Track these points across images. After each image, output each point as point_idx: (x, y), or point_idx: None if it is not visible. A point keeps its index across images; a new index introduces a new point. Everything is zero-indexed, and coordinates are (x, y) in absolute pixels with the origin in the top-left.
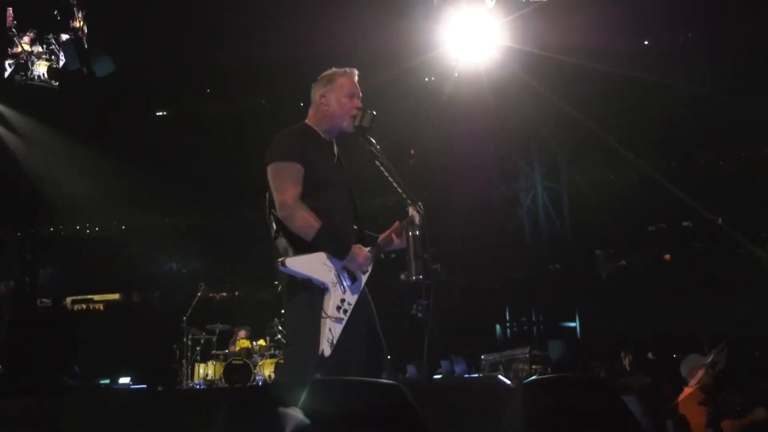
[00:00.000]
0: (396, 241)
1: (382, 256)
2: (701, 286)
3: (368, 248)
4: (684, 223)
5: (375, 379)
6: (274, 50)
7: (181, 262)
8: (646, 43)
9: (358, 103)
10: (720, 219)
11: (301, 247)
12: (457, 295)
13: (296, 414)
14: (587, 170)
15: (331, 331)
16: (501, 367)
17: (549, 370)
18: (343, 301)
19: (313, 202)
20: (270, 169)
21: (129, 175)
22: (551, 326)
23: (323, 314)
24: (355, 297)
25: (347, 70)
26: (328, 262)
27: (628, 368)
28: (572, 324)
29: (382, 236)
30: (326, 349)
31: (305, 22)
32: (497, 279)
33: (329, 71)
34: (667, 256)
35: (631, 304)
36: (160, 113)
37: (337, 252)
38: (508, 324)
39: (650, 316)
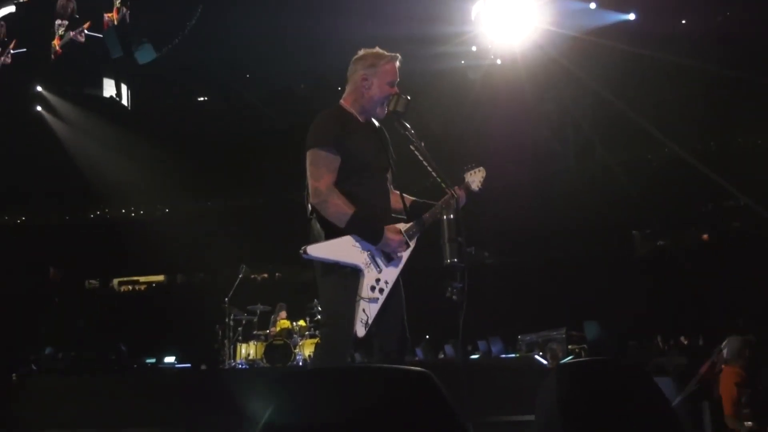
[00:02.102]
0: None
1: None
2: (739, 266)
3: (409, 225)
4: (723, 204)
5: (404, 367)
6: (309, 33)
7: (224, 244)
8: (683, 22)
9: (395, 89)
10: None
11: (334, 231)
12: (492, 274)
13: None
14: (622, 151)
15: (365, 312)
16: (537, 348)
17: (585, 349)
18: (378, 280)
19: (348, 187)
20: (308, 155)
21: (172, 160)
22: (587, 306)
23: (357, 296)
24: (395, 273)
25: (392, 55)
26: (358, 243)
27: (663, 348)
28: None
29: (430, 214)
30: (360, 329)
31: (342, 4)
32: (537, 262)
33: (373, 51)
34: (705, 236)
35: (668, 284)
36: (202, 99)
37: (370, 238)
38: (544, 304)
39: (687, 296)
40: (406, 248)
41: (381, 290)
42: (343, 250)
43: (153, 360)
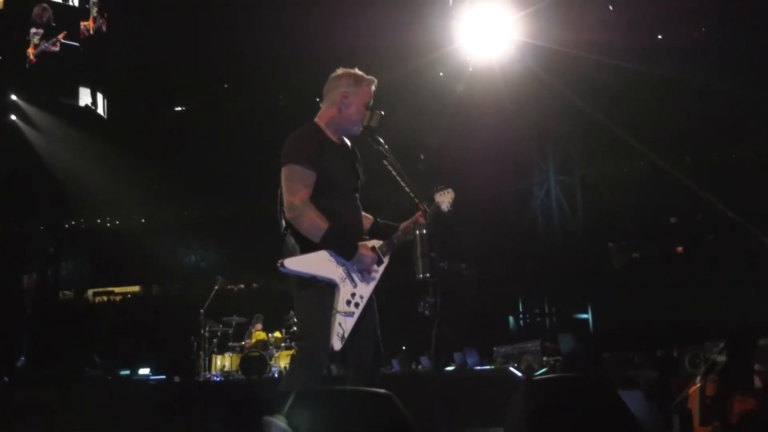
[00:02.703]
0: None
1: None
2: (713, 278)
3: (381, 242)
4: (696, 216)
5: (366, 389)
6: (290, 46)
7: (199, 255)
8: (660, 37)
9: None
10: (731, 211)
11: (309, 246)
12: (470, 286)
13: (280, 424)
14: (600, 164)
15: (341, 326)
16: (513, 359)
17: (560, 361)
18: (353, 295)
19: (323, 204)
20: (283, 171)
21: (148, 169)
22: (564, 318)
23: (333, 310)
24: (369, 289)
25: (372, 78)
26: (333, 258)
27: (637, 361)
28: (585, 316)
29: (401, 227)
30: (336, 343)
31: (319, 17)
32: (511, 271)
33: (354, 71)
34: (680, 248)
35: (643, 296)
36: (179, 108)
37: (344, 253)
38: (521, 316)
39: (662, 307)
40: (379, 264)
41: (356, 305)
42: (320, 264)
43: (128, 372)
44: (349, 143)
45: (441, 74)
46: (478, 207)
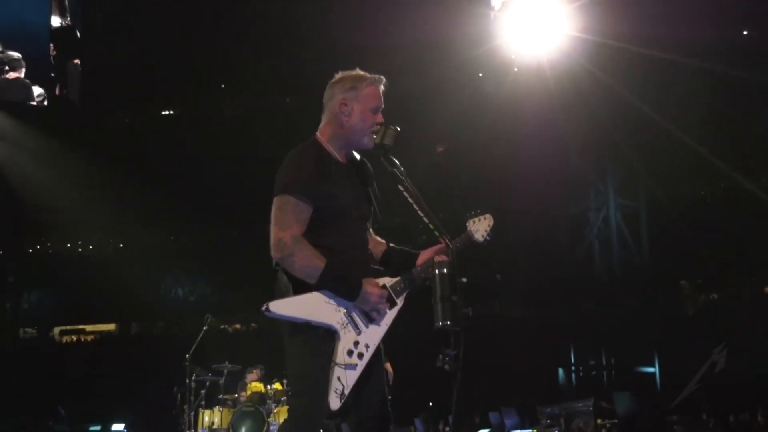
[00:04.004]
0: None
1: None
2: None
3: (395, 280)
4: None
5: None
6: (306, 42)
7: (187, 287)
8: (745, 33)
9: (380, 118)
10: None
11: (304, 284)
12: (512, 331)
13: None
14: (672, 184)
15: (340, 380)
16: (561, 422)
17: (616, 425)
18: (357, 344)
19: (320, 239)
20: (275, 201)
21: (129, 186)
22: (625, 372)
23: (331, 362)
24: (377, 336)
25: (375, 77)
26: (332, 300)
27: (711, 427)
28: (651, 370)
29: (422, 257)
30: (334, 401)
31: (344, 10)
32: (561, 314)
33: (353, 73)
34: (767, 289)
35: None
36: (166, 112)
37: (346, 294)
38: (573, 368)
39: (747, 361)
40: (390, 306)
41: (360, 355)
42: (315, 307)
43: (98, 428)
44: (359, 158)
45: (480, 75)
46: (522, 235)
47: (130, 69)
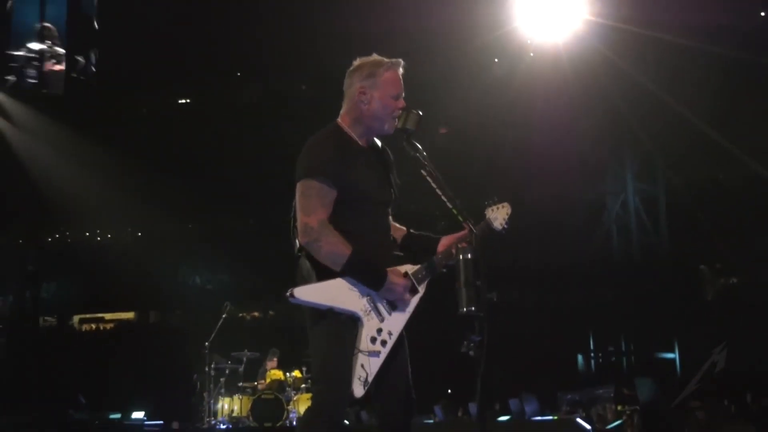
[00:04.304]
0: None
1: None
2: None
3: (417, 267)
4: None
5: None
6: (320, 27)
7: (205, 276)
8: (763, 14)
9: (402, 103)
10: None
11: (328, 271)
12: (530, 318)
13: None
14: (689, 169)
15: (364, 368)
16: (581, 408)
17: (638, 412)
18: (380, 331)
19: (345, 224)
20: (299, 186)
21: (147, 174)
22: (644, 358)
23: (355, 348)
24: (400, 323)
25: (393, 61)
26: (355, 286)
27: (733, 412)
28: (671, 355)
29: (443, 243)
30: (357, 388)
31: None
32: (579, 300)
33: (370, 59)
34: None
35: (743, 332)
36: (183, 101)
37: (371, 283)
38: (592, 354)
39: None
40: (413, 294)
41: (383, 342)
42: (338, 294)
43: (118, 416)
44: (380, 144)
45: (496, 60)
46: (539, 221)
47: (147, 58)
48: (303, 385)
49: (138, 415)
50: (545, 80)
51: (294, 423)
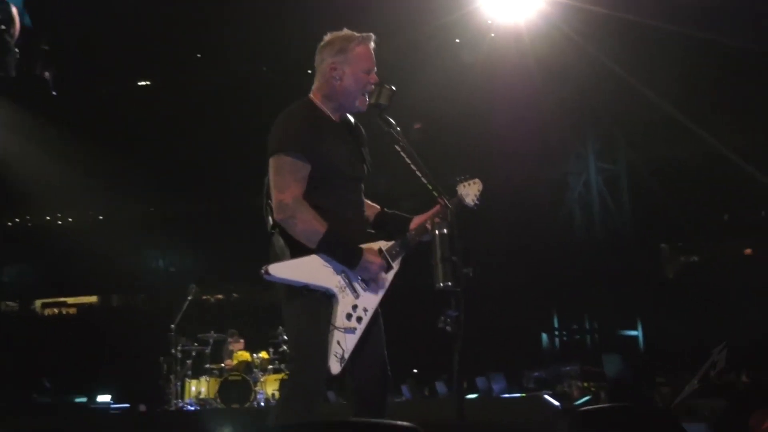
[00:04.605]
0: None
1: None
2: None
3: (390, 244)
4: (766, 211)
5: (391, 422)
6: (278, 8)
7: (169, 259)
8: None
9: (375, 77)
10: None
11: (302, 248)
12: (494, 297)
13: None
14: (651, 149)
15: (340, 344)
16: (547, 386)
17: (605, 388)
18: (355, 307)
19: (318, 199)
20: (271, 162)
21: (108, 157)
22: (608, 336)
23: (330, 325)
24: (375, 300)
25: (364, 35)
26: (330, 263)
27: (696, 387)
28: (633, 333)
29: (415, 222)
30: (334, 365)
31: None
32: (543, 280)
33: (341, 33)
34: (748, 251)
35: (704, 309)
36: (143, 83)
37: (346, 261)
38: (556, 333)
39: (727, 323)
40: (387, 271)
41: (359, 319)
42: (313, 270)
43: (84, 399)
44: (352, 120)
45: (457, 41)
46: (502, 201)
47: (106, 39)
48: (270, 366)
49: (104, 398)
50: (507, 61)
51: (262, 404)
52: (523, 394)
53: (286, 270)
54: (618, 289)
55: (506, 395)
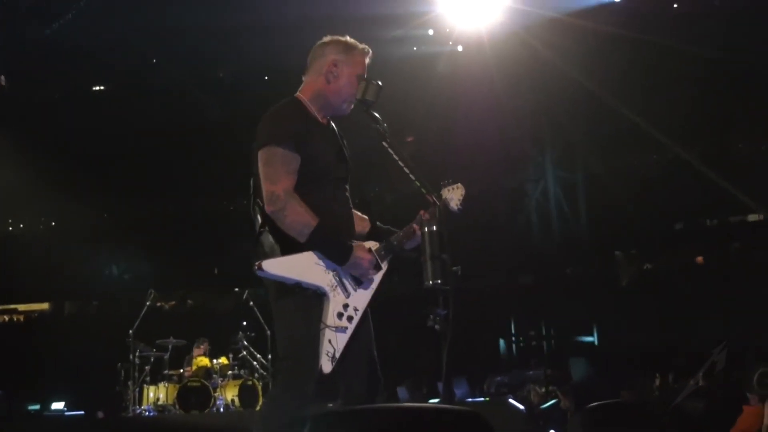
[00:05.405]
0: (418, 233)
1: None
2: (738, 293)
3: (379, 245)
4: (718, 220)
5: (453, 407)
6: (236, 12)
7: (122, 266)
8: (675, 6)
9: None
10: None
11: (292, 245)
12: (452, 303)
13: None
14: (607, 156)
15: (331, 343)
16: (510, 390)
17: (567, 392)
18: (346, 306)
19: (308, 196)
20: (261, 154)
21: (59, 162)
22: (565, 341)
23: (322, 323)
24: (365, 299)
25: (367, 48)
26: (322, 261)
27: (656, 391)
28: (589, 339)
29: (405, 229)
30: (326, 364)
31: None
32: (501, 285)
33: (345, 38)
34: (700, 259)
35: (657, 315)
36: (97, 88)
37: (336, 257)
38: (513, 339)
39: (679, 328)
40: (377, 270)
41: (350, 318)
42: (306, 268)
43: (37, 406)
44: (333, 125)
45: (415, 49)
46: (463, 208)
47: (59, 43)
48: (230, 372)
49: (58, 405)
50: (467, 68)
51: (222, 410)
52: (486, 399)
53: (279, 266)
54: (574, 296)
55: (470, 399)
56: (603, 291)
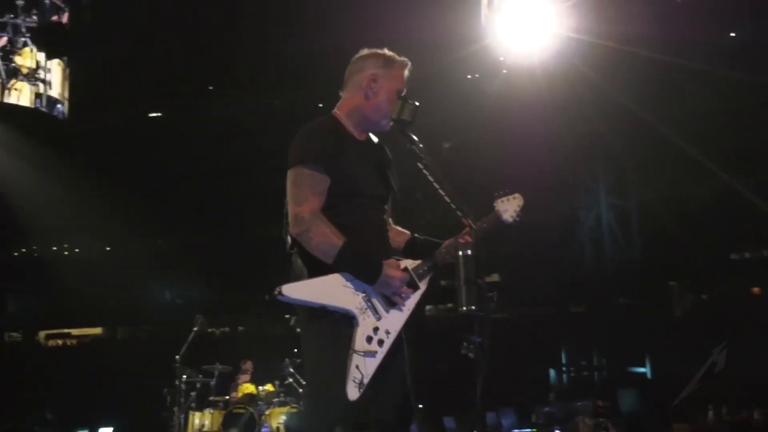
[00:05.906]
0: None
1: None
2: None
3: (417, 263)
4: None
5: None
6: (291, 42)
7: (175, 291)
8: (732, 35)
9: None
10: None
11: (320, 267)
12: (503, 332)
13: None
14: (662, 185)
15: (359, 369)
16: (558, 422)
17: (617, 425)
18: (376, 330)
19: (338, 218)
20: (289, 175)
21: (115, 188)
22: (617, 372)
23: (350, 349)
24: (399, 322)
25: (405, 60)
26: (350, 283)
27: (711, 425)
28: (642, 369)
29: (445, 245)
30: (352, 390)
31: (326, 9)
32: (552, 314)
33: (384, 51)
34: (756, 289)
35: (711, 346)
36: (154, 115)
37: (364, 276)
38: (564, 369)
39: (737, 361)
40: (412, 291)
41: (380, 342)
42: (331, 290)
43: (86, 431)
44: (376, 140)
45: (469, 76)
46: (512, 235)
47: (117, 71)
48: (275, 399)
49: (106, 430)
50: (520, 96)
51: None
52: (534, 430)
53: (301, 290)
54: (627, 325)
55: (516, 431)
56: (656, 321)
